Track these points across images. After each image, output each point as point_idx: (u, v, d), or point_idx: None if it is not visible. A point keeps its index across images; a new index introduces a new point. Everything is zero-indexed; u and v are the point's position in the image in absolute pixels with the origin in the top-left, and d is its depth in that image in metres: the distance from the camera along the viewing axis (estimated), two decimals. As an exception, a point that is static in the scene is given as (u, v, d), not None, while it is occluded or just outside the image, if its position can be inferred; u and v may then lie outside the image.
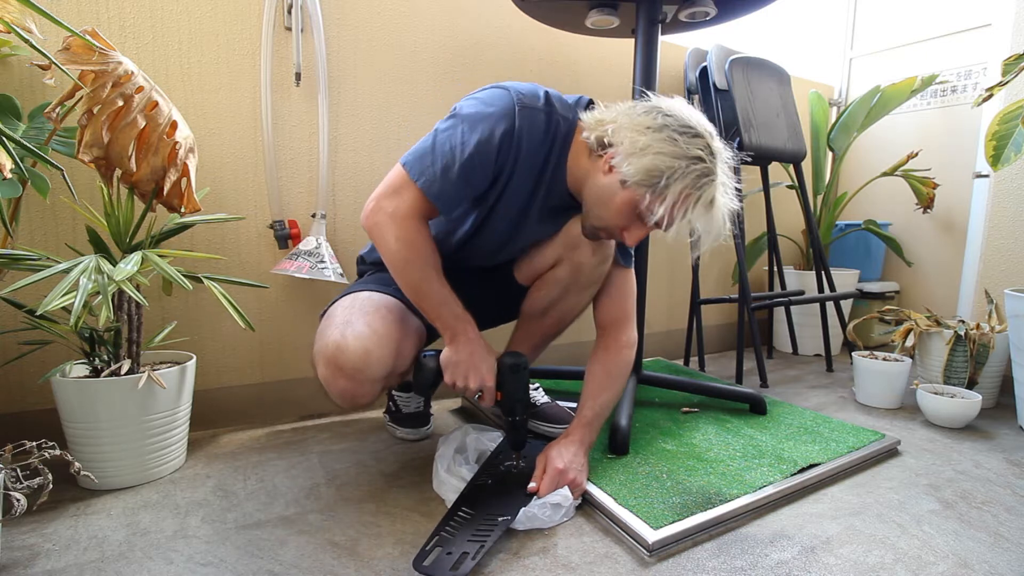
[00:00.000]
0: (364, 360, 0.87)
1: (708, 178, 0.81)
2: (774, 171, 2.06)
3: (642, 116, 0.83)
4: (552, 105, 0.90)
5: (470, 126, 0.85)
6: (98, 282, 0.80)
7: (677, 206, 0.80)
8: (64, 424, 0.95)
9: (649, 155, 0.80)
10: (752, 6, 1.28)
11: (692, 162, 0.79)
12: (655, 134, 0.81)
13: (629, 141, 0.82)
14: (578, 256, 1.01)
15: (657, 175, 0.79)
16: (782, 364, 1.91)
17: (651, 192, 0.80)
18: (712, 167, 0.81)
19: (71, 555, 0.78)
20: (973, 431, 1.30)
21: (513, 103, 0.86)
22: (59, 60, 0.81)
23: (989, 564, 0.79)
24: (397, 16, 1.36)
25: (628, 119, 0.84)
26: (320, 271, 1.20)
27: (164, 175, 0.96)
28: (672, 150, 0.79)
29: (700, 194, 0.80)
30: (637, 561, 0.79)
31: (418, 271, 0.87)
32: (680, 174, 0.79)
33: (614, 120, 0.85)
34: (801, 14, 2.31)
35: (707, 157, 0.81)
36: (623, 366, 1.05)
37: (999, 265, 1.61)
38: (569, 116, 0.91)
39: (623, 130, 0.83)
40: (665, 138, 0.80)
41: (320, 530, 0.85)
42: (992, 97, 1.23)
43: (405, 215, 0.85)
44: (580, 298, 1.07)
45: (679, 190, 0.79)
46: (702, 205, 0.81)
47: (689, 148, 0.80)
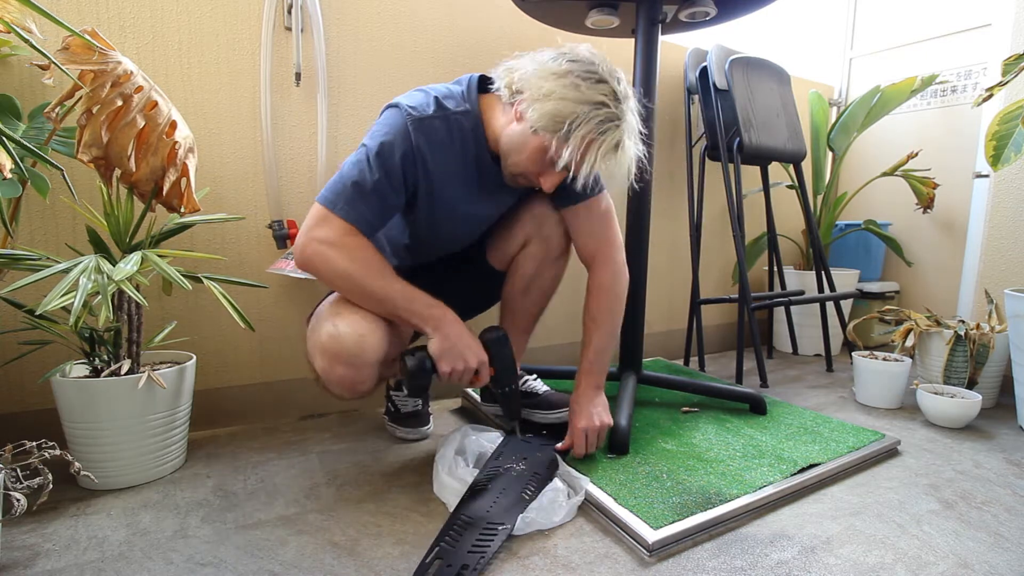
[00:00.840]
0: (359, 345, 0.89)
1: (612, 123, 0.82)
2: (774, 171, 2.06)
3: (548, 63, 0.85)
4: (445, 108, 0.91)
5: (373, 153, 0.88)
6: (98, 282, 0.80)
7: (581, 151, 0.82)
8: (64, 424, 0.95)
9: (552, 100, 0.82)
10: (752, 6, 1.28)
11: (595, 107, 0.81)
12: (559, 80, 0.82)
13: (535, 87, 0.84)
14: (546, 230, 1.06)
15: (560, 120, 0.81)
16: (782, 364, 1.91)
17: (556, 138, 0.82)
18: (617, 112, 0.83)
19: (71, 555, 0.78)
20: (973, 431, 1.30)
21: (405, 122, 0.88)
22: (59, 60, 0.81)
23: (989, 564, 0.79)
24: (397, 16, 1.36)
25: (534, 65, 0.85)
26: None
27: (163, 175, 0.96)
28: (575, 95, 0.81)
29: (603, 139, 0.82)
30: (637, 561, 0.79)
31: (376, 278, 0.89)
32: (583, 119, 0.81)
33: (521, 67, 0.87)
34: (801, 14, 2.31)
35: (611, 102, 0.82)
36: (614, 299, 1.07)
37: (999, 265, 1.61)
38: (467, 107, 0.93)
39: (529, 77, 0.85)
40: (568, 83, 0.82)
41: (320, 530, 0.85)
42: (992, 97, 1.23)
43: (341, 235, 0.88)
44: (556, 269, 1.12)
45: (582, 135, 0.81)
46: (606, 149, 0.83)
47: (593, 93, 0.81)
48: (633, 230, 1.32)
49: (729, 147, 1.69)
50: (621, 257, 1.09)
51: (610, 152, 0.83)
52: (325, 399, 1.36)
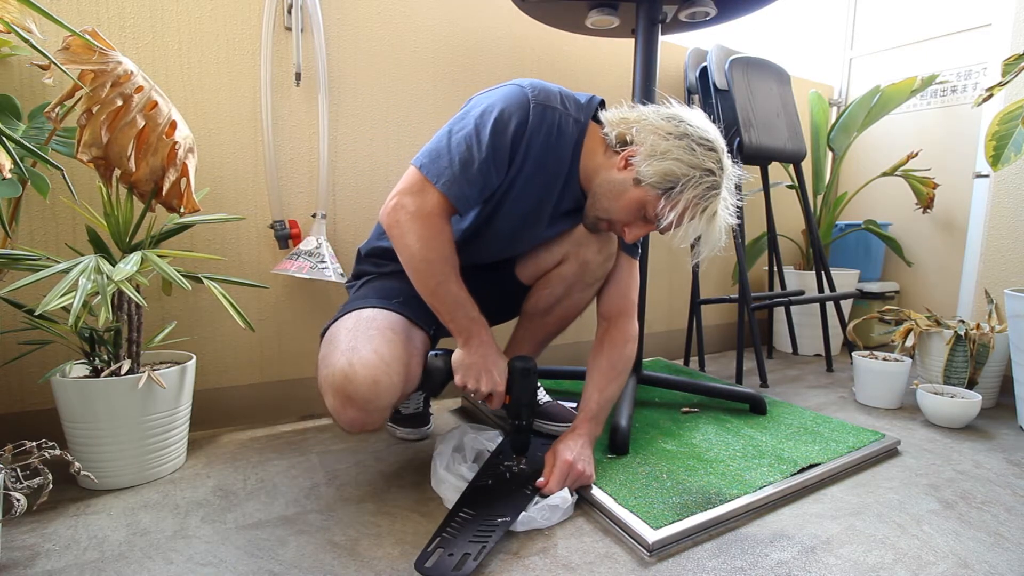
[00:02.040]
0: (374, 391, 0.83)
1: (716, 191, 0.85)
2: (774, 171, 2.06)
3: (665, 122, 0.87)
4: (566, 107, 0.91)
5: (484, 123, 0.85)
6: (97, 282, 0.80)
7: (685, 213, 0.84)
8: (64, 424, 0.95)
9: (669, 160, 0.84)
10: (752, 6, 1.28)
11: (705, 173, 0.84)
12: (677, 141, 0.85)
13: (651, 143, 0.85)
14: (584, 253, 1.03)
15: (673, 180, 0.84)
16: (782, 364, 1.91)
17: (664, 195, 0.84)
18: (720, 181, 0.86)
19: (71, 555, 0.78)
20: (973, 431, 1.30)
21: (528, 100, 0.87)
22: (59, 60, 0.81)
23: (989, 564, 0.79)
24: (397, 16, 1.36)
25: (651, 123, 0.87)
26: (320, 271, 1.20)
27: (163, 175, 0.96)
28: (690, 159, 0.84)
29: (707, 205, 0.85)
30: (637, 561, 0.79)
31: (437, 273, 0.87)
32: (693, 183, 0.83)
33: (638, 120, 0.88)
34: (801, 14, 2.31)
35: (717, 171, 0.85)
36: (627, 360, 1.05)
37: (999, 265, 1.61)
38: (581, 118, 0.93)
39: (646, 132, 0.87)
40: (685, 146, 0.84)
41: (320, 530, 0.85)
42: (992, 97, 1.23)
43: (429, 213, 0.85)
44: (584, 295, 1.08)
45: (690, 198, 0.83)
46: (707, 215, 0.85)
47: (704, 160, 0.84)
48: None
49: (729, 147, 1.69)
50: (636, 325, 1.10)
51: (710, 218, 0.86)
52: (325, 399, 1.36)
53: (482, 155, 0.85)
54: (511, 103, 0.87)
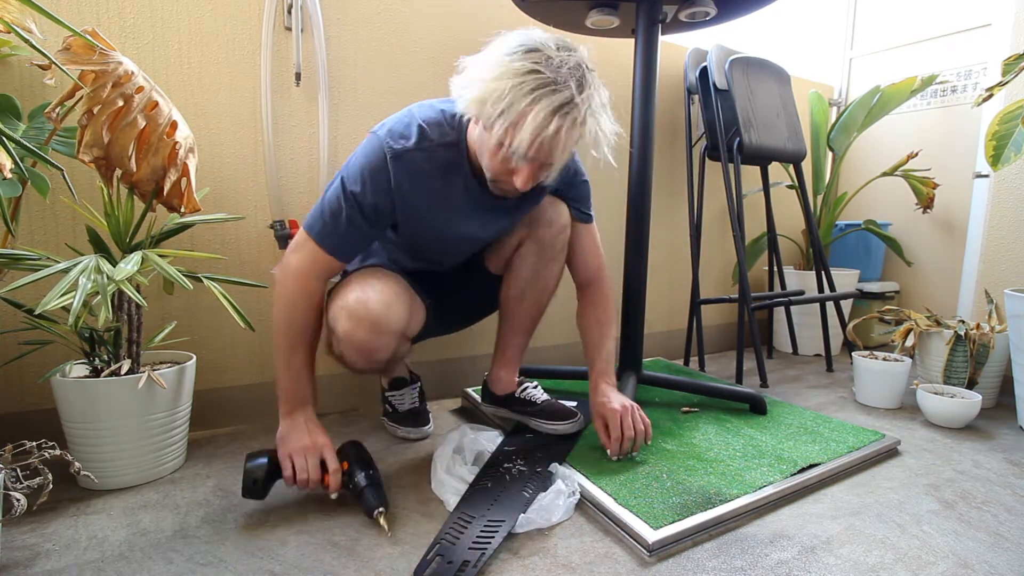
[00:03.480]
0: (385, 311, 0.92)
1: (546, 87, 0.75)
2: (774, 171, 2.06)
3: (484, 53, 0.80)
4: (428, 139, 0.89)
5: (349, 188, 0.88)
6: (97, 282, 0.80)
7: (524, 125, 0.75)
8: (64, 424, 0.95)
9: (478, 84, 0.77)
10: (752, 6, 1.28)
11: (522, 77, 0.74)
12: (487, 63, 0.78)
13: (468, 76, 0.80)
14: (537, 231, 1.06)
15: (485, 101, 0.76)
16: (782, 364, 1.91)
17: (495, 121, 0.76)
18: (553, 76, 0.75)
19: (71, 555, 0.78)
20: (973, 431, 1.30)
21: (384, 155, 0.87)
22: (59, 60, 0.81)
23: (989, 564, 0.79)
24: (397, 16, 1.36)
25: (472, 60, 0.81)
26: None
27: (164, 175, 0.96)
28: (501, 72, 0.76)
29: (537, 107, 0.74)
30: (637, 561, 0.79)
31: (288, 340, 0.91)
32: (509, 95, 0.74)
33: (464, 68, 0.83)
34: (801, 14, 2.31)
35: (544, 68, 0.75)
36: (610, 313, 1.13)
37: (999, 265, 1.61)
38: (452, 136, 0.90)
39: (468, 70, 0.81)
40: (495, 63, 0.77)
41: (320, 530, 0.85)
42: (992, 97, 1.23)
43: (304, 273, 0.90)
44: (551, 270, 1.10)
45: (513, 108, 0.75)
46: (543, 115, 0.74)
47: (519, 66, 0.75)
48: (633, 230, 1.32)
49: (729, 147, 1.69)
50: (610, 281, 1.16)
51: (547, 118, 0.74)
52: (324, 399, 1.36)
53: (348, 212, 0.88)
54: (369, 164, 0.88)
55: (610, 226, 1.77)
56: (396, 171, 0.88)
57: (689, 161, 1.85)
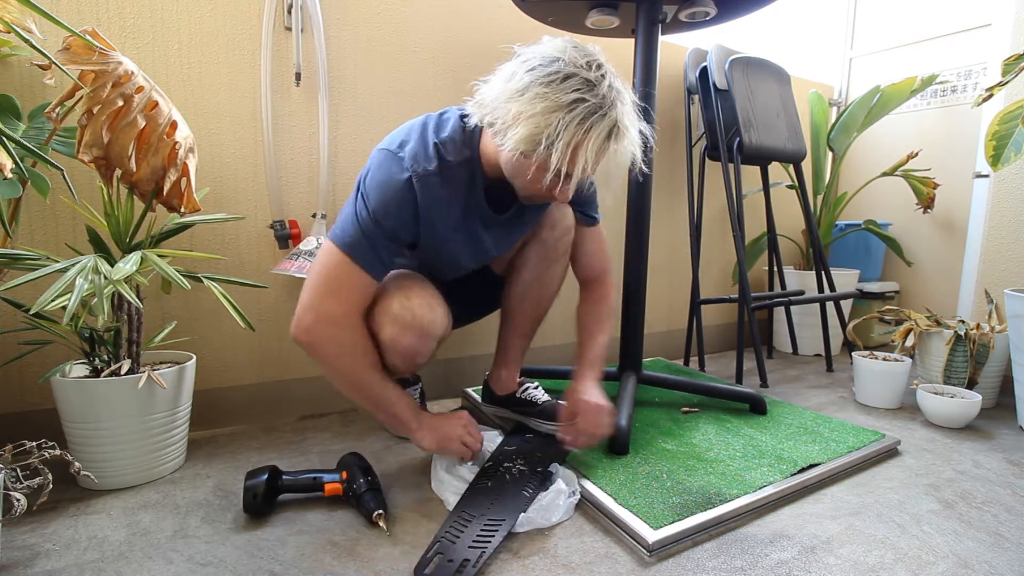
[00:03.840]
0: (431, 317, 0.95)
1: (595, 115, 0.77)
2: (774, 171, 2.06)
3: (509, 83, 0.79)
4: (445, 160, 0.88)
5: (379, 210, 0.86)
6: (94, 282, 0.80)
7: (573, 157, 0.78)
8: (64, 424, 0.95)
9: (522, 122, 0.77)
10: (752, 6, 1.28)
11: (570, 108, 0.75)
12: (522, 98, 0.77)
13: (502, 114, 0.79)
14: (541, 234, 1.06)
15: (538, 139, 0.77)
16: (782, 364, 1.91)
17: (544, 154, 0.78)
18: (597, 101, 0.76)
19: (71, 555, 0.78)
20: (973, 431, 1.30)
21: (409, 179, 0.86)
22: (59, 60, 0.81)
23: (989, 564, 0.79)
24: (397, 16, 1.36)
25: (497, 91, 0.80)
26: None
27: (164, 175, 0.96)
28: (544, 107, 0.76)
29: (590, 136, 0.77)
30: (637, 561, 0.79)
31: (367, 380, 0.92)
32: (561, 127, 0.75)
33: (488, 95, 0.82)
34: (801, 14, 2.31)
35: (585, 93, 0.76)
36: (608, 311, 1.14)
37: (999, 265, 1.61)
38: (468, 153, 0.89)
39: (496, 105, 0.80)
40: (533, 97, 0.76)
41: (320, 530, 0.85)
42: (992, 97, 1.23)
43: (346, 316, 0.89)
44: (553, 272, 1.11)
45: (566, 143, 0.76)
46: (597, 144, 0.78)
47: (562, 95, 0.75)
48: (633, 230, 1.32)
49: (729, 147, 1.69)
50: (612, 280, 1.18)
51: (603, 144, 0.78)
52: (325, 399, 1.36)
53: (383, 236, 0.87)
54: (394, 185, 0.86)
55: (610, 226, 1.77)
56: (422, 196, 0.87)
57: (689, 161, 1.85)
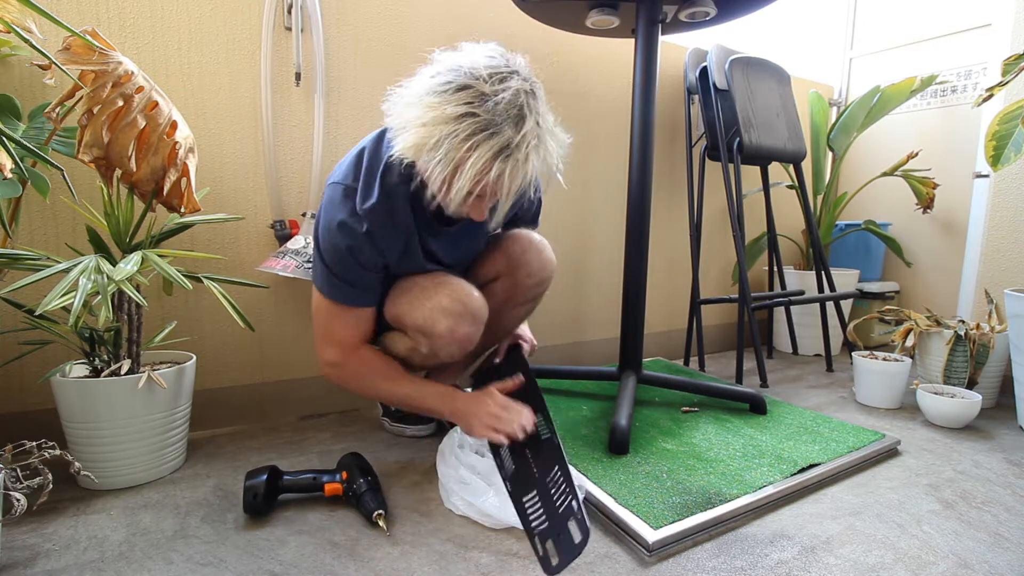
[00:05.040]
0: (481, 307, 0.96)
1: (482, 133, 0.70)
2: (774, 171, 2.06)
3: (411, 87, 0.77)
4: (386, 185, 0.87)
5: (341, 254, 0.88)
6: (97, 282, 0.80)
7: (450, 176, 0.73)
8: (64, 424, 0.95)
9: (411, 129, 0.73)
10: (752, 6, 1.28)
11: (456, 122, 0.70)
12: (414, 104, 0.74)
13: (398, 117, 0.77)
14: (518, 276, 1.06)
15: (420, 150, 0.73)
16: (782, 364, 1.91)
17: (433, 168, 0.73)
18: (488, 118, 0.70)
19: (71, 555, 0.78)
20: (973, 431, 1.30)
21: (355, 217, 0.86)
22: (59, 60, 0.81)
23: (989, 564, 0.79)
24: (397, 16, 1.36)
25: (400, 94, 0.78)
26: (306, 271, 1.19)
27: (164, 175, 0.96)
28: (432, 116, 0.71)
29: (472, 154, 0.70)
30: (637, 561, 0.79)
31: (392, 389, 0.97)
32: (444, 140, 0.70)
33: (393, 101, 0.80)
34: (801, 14, 2.31)
35: (477, 109, 0.70)
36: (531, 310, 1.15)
37: (999, 265, 1.61)
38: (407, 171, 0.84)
39: (396, 109, 0.78)
40: (424, 105, 0.73)
41: (320, 530, 0.85)
42: (992, 97, 1.23)
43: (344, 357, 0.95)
44: (515, 314, 1.11)
45: (450, 158, 0.71)
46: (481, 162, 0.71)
47: (448, 108, 0.70)
48: (633, 230, 1.32)
49: (729, 147, 1.69)
50: None
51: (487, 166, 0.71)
52: (325, 399, 1.36)
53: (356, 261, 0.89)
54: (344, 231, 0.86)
55: (610, 226, 1.78)
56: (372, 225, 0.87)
57: (689, 161, 1.85)
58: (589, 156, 1.70)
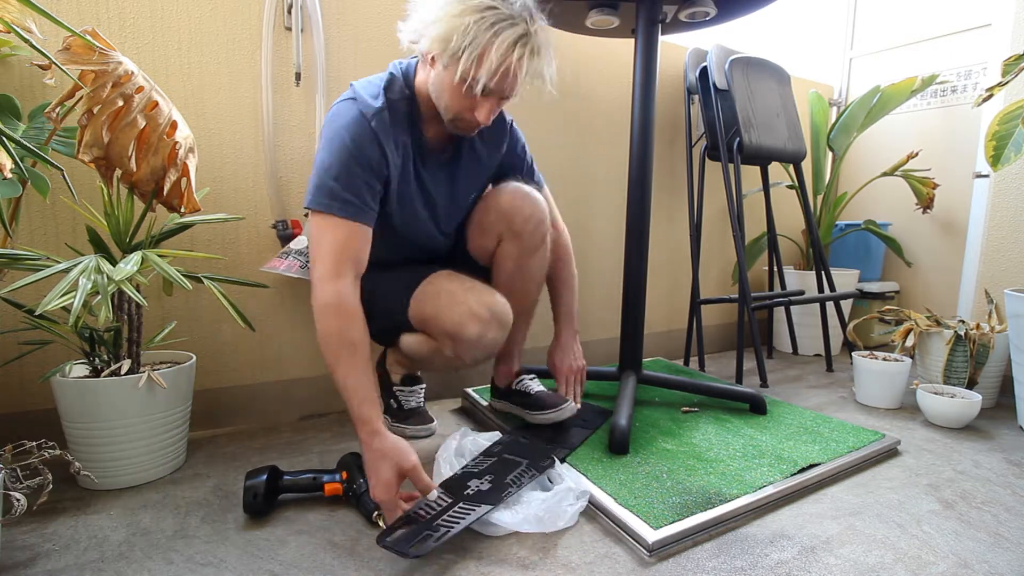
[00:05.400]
0: (506, 312, 1.01)
1: (505, 22, 0.81)
2: (774, 171, 2.06)
3: None
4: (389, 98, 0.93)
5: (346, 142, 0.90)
6: (97, 282, 0.80)
7: (479, 59, 0.82)
8: (64, 424, 0.95)
9: (438, 24, 0.82)
10: (752, 6, 1.28)
11: (481, 13, 0.81)
12: (443, 3, 0.83)
13: (423, 20, 0.85)
14: (515, 225, 1.06)
15: (448, 38, 0.81)
16: (782, 364, 1.91)
17: (459, 59, 0.82)
18: (509, 12, 0.82)
19: (71, 555, 0.78)
20: (973, 431, 1.30)
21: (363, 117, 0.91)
22: (59, 60, 0.81)
23: (989, 564, 0.79)
24: (397, 16, 1.35)
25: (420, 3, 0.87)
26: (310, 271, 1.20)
27: (164, 175, 0.96)
28: (460, 9, 0.81)
29: (499, 39, 0.81)
30: (637, 561, 0.79)
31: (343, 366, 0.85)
32: (471, 28, 0.80)
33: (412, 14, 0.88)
34: (801, 14, 2.31)
35: (499, 4, 0.82)
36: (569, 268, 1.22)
37: (999, 265, 1.61)
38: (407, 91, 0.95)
39: (419, 15, 0.86)
40: (450, 1, 0.82)
41: (320, 530, 0.85)
42: (992, 97, 1.23)
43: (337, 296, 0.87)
44: (533, 263, 1.11)
45: (477, 43, 0.81)
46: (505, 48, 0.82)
47: (480, 2, 0.81)
48: (633, 230, 1.32)
49: (729, 147, 1.69)
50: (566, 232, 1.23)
51: (509, 49, 0.82)
52: (325, 399, 1.36)
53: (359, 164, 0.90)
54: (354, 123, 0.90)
55: (610, 226, 1.77)
56: (379, 130, 0.91)
57: (689, 161, 1.85)
58: (589, 156, 1.70)
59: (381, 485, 0.80)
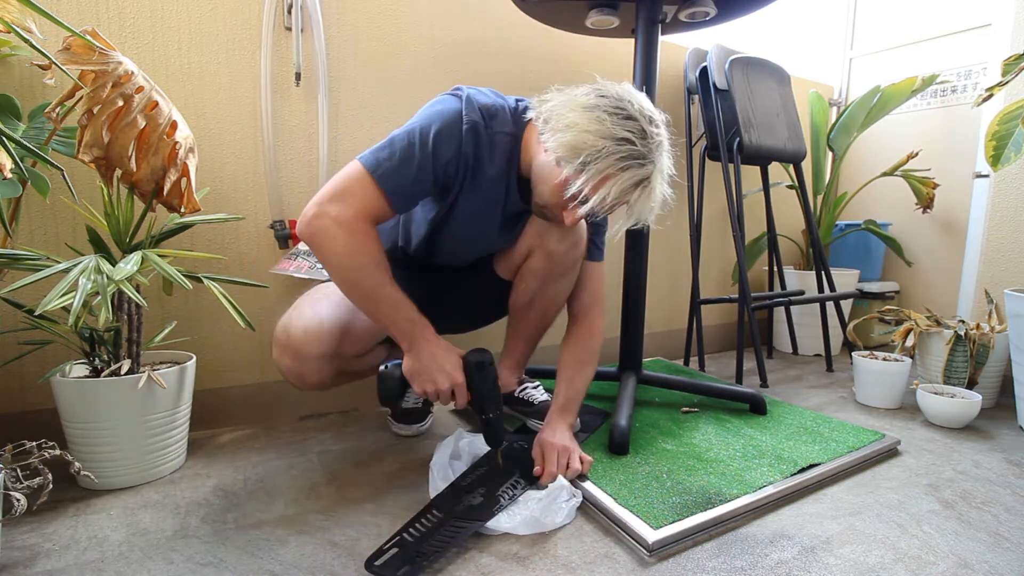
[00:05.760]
0: (303, 340, 0.95)
1: (636, 160, 0.80)
2: (774, 171, 2.06)
3: (578, 96, 0.84)
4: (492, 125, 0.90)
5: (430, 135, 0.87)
6: (97, 282, 0.80)
7: (601, 185, 0.80)
8: (64, 424, 0.95)
9: (573, 131, 0.81)
10: (752, 6, 1.28)
11: (618, 143, 0.79)
12: (585, 112, 0.81)
13: (560, 117, 0.83)
14: (549, 244, 1.03)
15: (578, 151, 0.80)
16: (782, 364, 1.91)
17: (574, 169, 0.81)
18: (643, 150, 0.81)
19: (71, 555, 0.78)
20: (973, 431, 1.30)
21: (461, 122, 0.88)
22: (59, 60, 0.81)
23: (989, 564, 0.79)
24: (397, 16, 1.36)
25: (565, 98, 0.85)
26: (319, 271, 1.20)
27: (164, 175, 0.96)
28: (598, 128, 0.80)
29: (623, 176, 0.80)
30: (637, 561, 0.79)
31: (370, 277, 0.85)
32: (602, 153, 0.79)
33: (554, 98, 0.87)
34: (801, 14, 2.31)
35: (637, 140, 0.80)
36: (592, 352, 1.10)
37: (999, 265, 1.61)
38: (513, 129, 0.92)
39: (558, 107, 0.84)
40: (594, 117, 0.81)
41: (320, 530, 0.85)
42: (992, 97, 1.23)
43: (353, 218, 0.83)
44: (559, 287, 1.09)
45: (599, 169, 0.79)
46: (625, 186, 0.81)
47: (616, 129, 0.80)
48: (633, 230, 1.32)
49: (729, 147, 1.69)
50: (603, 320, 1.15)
51: (629, 189, 0.81)
52: (325, 399, 1.36)
53: (421, 159, 0.86)
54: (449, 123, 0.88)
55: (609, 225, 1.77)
56: (467, 142, 0.88)
57: (689, 161, 1.85)
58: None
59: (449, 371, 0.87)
